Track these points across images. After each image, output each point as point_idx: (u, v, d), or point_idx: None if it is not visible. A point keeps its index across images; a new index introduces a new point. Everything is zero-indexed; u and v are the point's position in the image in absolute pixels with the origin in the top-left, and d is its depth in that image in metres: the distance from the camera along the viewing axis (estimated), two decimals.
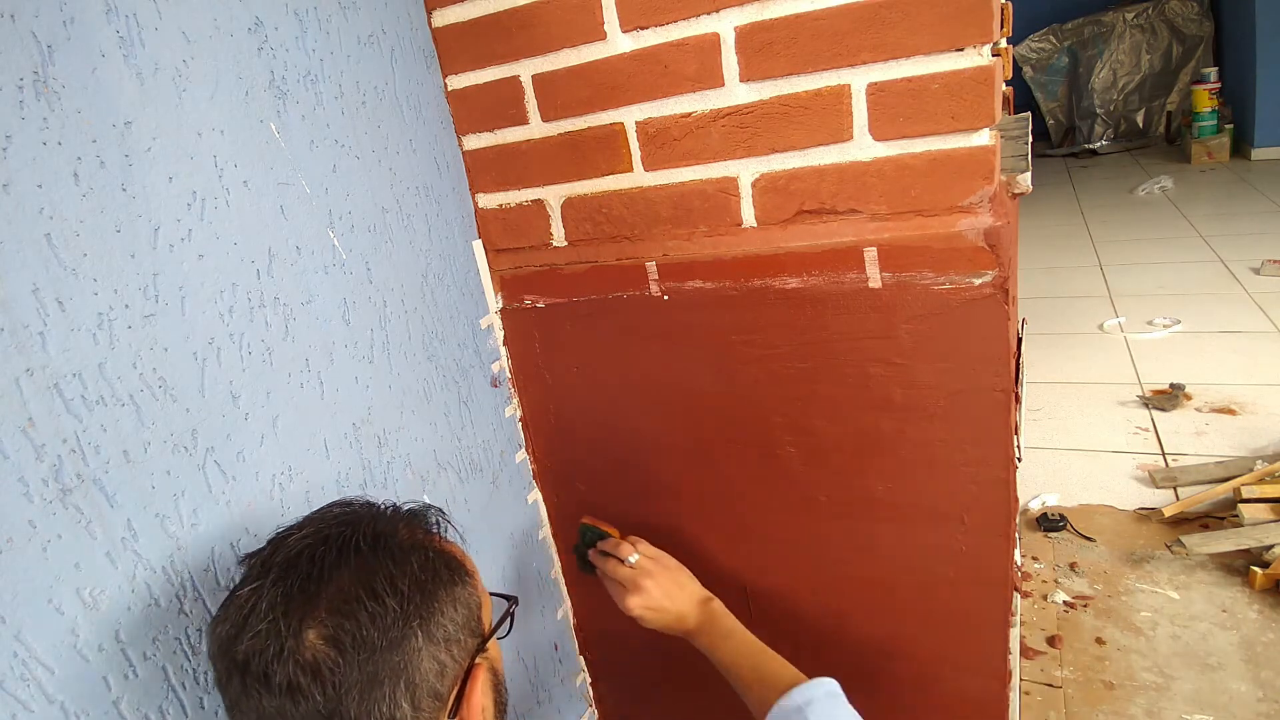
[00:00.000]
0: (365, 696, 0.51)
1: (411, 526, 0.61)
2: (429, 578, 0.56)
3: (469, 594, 0.59)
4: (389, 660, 0.52)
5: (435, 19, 0.92)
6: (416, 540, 0.59)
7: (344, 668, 0.50)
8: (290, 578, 0.53)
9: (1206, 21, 5.81)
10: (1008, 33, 0.89)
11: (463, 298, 0.99)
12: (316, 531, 0.56)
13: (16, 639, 0.52)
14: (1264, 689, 1.51)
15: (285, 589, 0.52)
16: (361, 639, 0.51)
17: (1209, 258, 3.75)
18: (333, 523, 0.57)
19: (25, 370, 0.53)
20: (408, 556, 0.56)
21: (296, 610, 0.51)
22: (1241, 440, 2.32)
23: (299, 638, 0.50)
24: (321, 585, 0.53)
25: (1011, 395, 0.82)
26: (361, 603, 0.52)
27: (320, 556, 0.54)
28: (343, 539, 0.55)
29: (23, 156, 0.53)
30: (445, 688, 0.55)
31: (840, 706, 0.75)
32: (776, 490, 0.98)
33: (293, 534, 0.57)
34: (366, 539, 0.56)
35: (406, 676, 0.52)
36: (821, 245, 0.84)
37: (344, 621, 0.51)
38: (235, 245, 0.68)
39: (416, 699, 0.53)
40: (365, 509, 0.60)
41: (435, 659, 0.54)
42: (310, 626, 0.51)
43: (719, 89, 0.82)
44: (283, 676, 0.50)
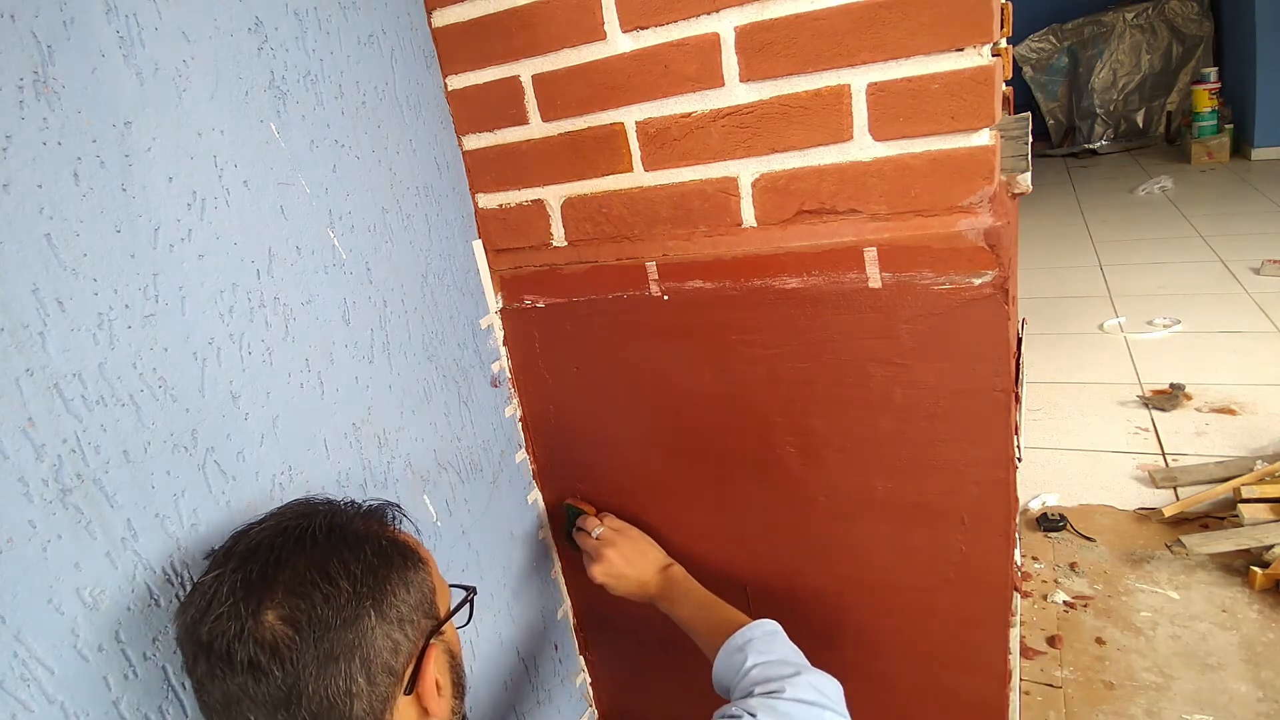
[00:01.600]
0: (322, 672, 0.54)
1: (367, 520, 0.64)
2: (381, 562, 0.59)
3: (421, 578, 0.62)
4: (343, 638, 0.55)
5: (435, 19, 0.92)
6: (370, 530, 0.62)
7: (300, 645, 0.53)
8: (250, 564, 0.56)
9: (1206, 21, 5.81)
10: (1008, 33, 0.89)
11: (463, 298, 0.99)
12: (276, 524, 0.60)
13: (16, 639, 0.52)
14: (1264, 689, 1.51)
15: (245, 575, 0.55)
16: (316, 618, 0.54)
17: (1209, 258, 3.74)
18: (291, 516, 0.61)
19: (25, 370, 0.53)
20: (361, 543, 0.60)
21: (255, 593, 0.54)
22: (1241, 440, 2.31)
23: (258, 618, 0.53)
24: (279, 570, 0.56)
25: (1011, 395, 0.82)
26: (316, 585, 0.55)
27: (279, 545, 0.57)
28: (300, 529, 0.59)
29: (23, 156, 0.53)
30: (400, 664, 0.58)
31: (778, 641, 0.81)
32: (776, 490, 0.98)
33: (253, 527, 0.60)
34: (322, 529, 0.59)
35: (361, 653, 0.56)
36: (821, 245, 0.84)
37: (299, 602, 0.54)
38: (235, 245, 0.68)
39: (372, 674, 0.56)
40: (324, 505, 0.63)
41: (389, 637, 0.57)
42: (268, 608, 0.54)
43: (719, 89, 0.82)
44: (244, 655, 0.53)
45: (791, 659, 0.79)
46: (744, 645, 0.80)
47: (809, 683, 0.73)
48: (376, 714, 0.56)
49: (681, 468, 1.04)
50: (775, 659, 0.78)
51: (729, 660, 0.81)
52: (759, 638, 0.81)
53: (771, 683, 0.73)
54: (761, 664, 0.77)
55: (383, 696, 0.57)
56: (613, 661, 1.25)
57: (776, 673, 0.75)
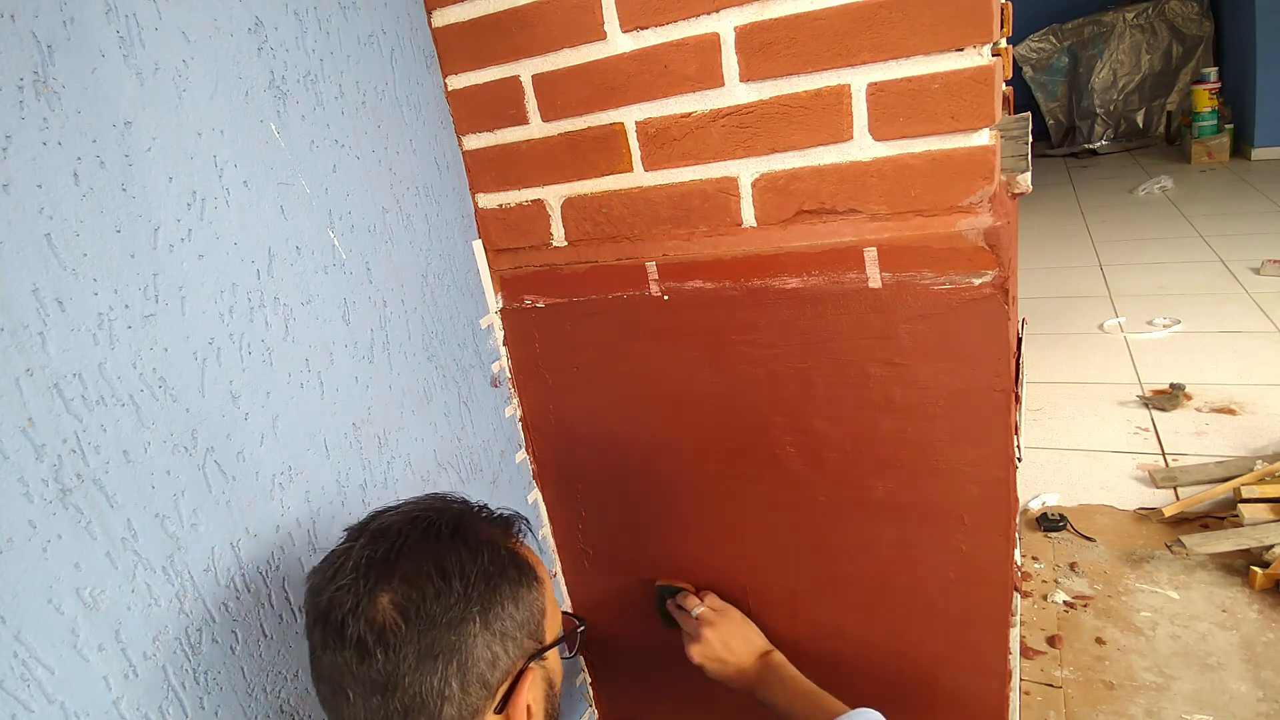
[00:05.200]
0: (419, 666, 0.55)
1: (492, 526, 0.65)
2: (496, 571, 0.60)
3: (533, 598, 0.62)
4: (445, 638, 0.56)
5: (435, 19, 0.92)
6: (493, 537, 0.63)
7: (405, 634, 0.55)
8: (377, 544, 0.58)
9: (1206, 21, 5.81)
10: (1008, 33, 0.89)
11: (463, 298, 0.99)
12: (408, 512, 0.62)
13: (16, 639, 0.52)
14: (1264, 689, 1.51)
15: (370, 553, 0.58)
16: (425, 611, 0.55)
17: (1209, 258, 3.74)
18: (423, 507, 0.63)
19: (25, 370, 0.53)
20: (481, 549, 0.60)
21: (376, 573, 0.56)
22: (1241, 440, 2.31)
23: (373, 597, 0.55)
24: (400, 557, 0.58)
25: (1011, 395, 0.82)
26: (430, 579, 0.57)
27: (405, 531, 0.59)
28: (428, 521, 0.61)
29: (23, 156, 0.53)
30: (495, 679, 0.58)
31: None
32: (776, 490, 0.98)
33: (389, 510, 0.63)
34: (448, 527, 0.61)
35: (460, 658, 0.56)
36: (821, 245, 0.84)
37: (412, 592, 0.56)
38: (235, 245, 0.68)
39: (465, 682, 0.56)
40: (458, 504, 0.65)
41: (489, 648, 0.58)
42: (384, 591, 0.56)
43: (719, 89, 0.82)
44: (354, 631, 0.55)
45: None
46: None
47: None
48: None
49: (681, 468, 1.03)
50: None
51: None
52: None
53: None
54: None
55: (473, 707, 0.57)
56: (613, 661, 1.25)
57: None
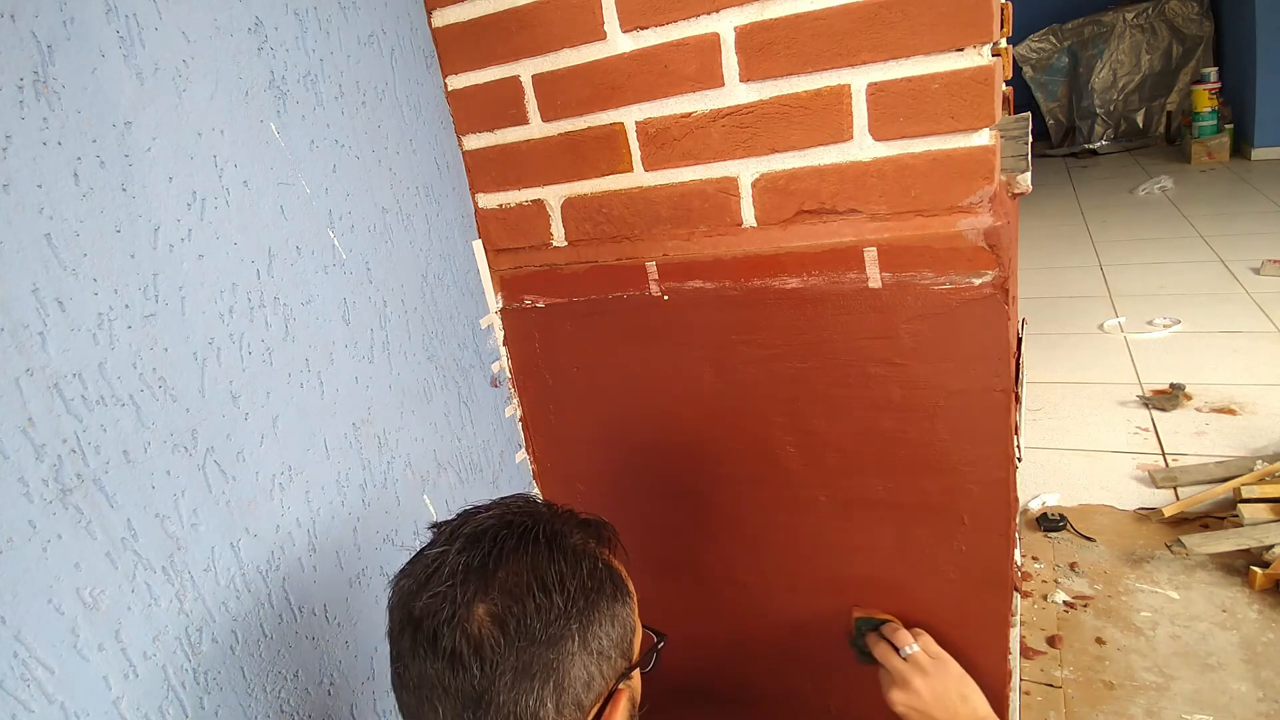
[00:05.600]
0: (516, 684, 0.52)
1: (585, 534, 0.61)
2: (595, 586, 0.57)
3: (627, 614, 0.59)
4: (544, 655, 0.53)
5: (435, 19, 0.92)
6: (589, 548, 0.60)
7: (503, 649, 0.52)
8: (473, 550, 0.55)
9: (1206, 21, 5.81)
10: (1008, 33, 0.89)
11: (463, 298, 0.99)
12: (501, 515, 0.59)
13: (16, 639, 0.52)
14: (1264, 689, 1.51)
15: (467, 559, 0.55)
16: (524, 626, 0.53)
17: (1209, 258, 3.74)
18: (516, 510, 0.60)
19: (25, 370, 0.53)
20: (579, 560, 0.57)
21: (474, 581, 0.54)
22: (1241, 440, 2.31)
23: (470, 608, 0.53)
24: (499, 565, 0.55)
25: (1011, 395, 0.82)
26: (531, 591, 0.54)
27: (502, 538, 0.56)
28: (524, 527, 0.57)
29: (23, 156, 0.53)
30: (589, 700, 0.55)
31: None
32: (776, 490, 0.98)
33: (481, 511, 0.60)
34: (545, 533, 0.57)
35: (556, 677, 0.53)
36: (821, 245, 0.84)
37: (512, 604, 0.53)
38: (235, 245, 0.68)
39: (561, 703, 0.53)
40: (546, 506, 0.62)
41: (585, 668, 0.55)
42: (482, 601, 0.53)
43: (719, 89, 0.82)
44: (449, 641, 0.52)
45: None
46: None
47: None
48: None
49: (681, 467, 1.03)
50: None
51: None
52: None
53: None
54: None
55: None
56: None
57: None
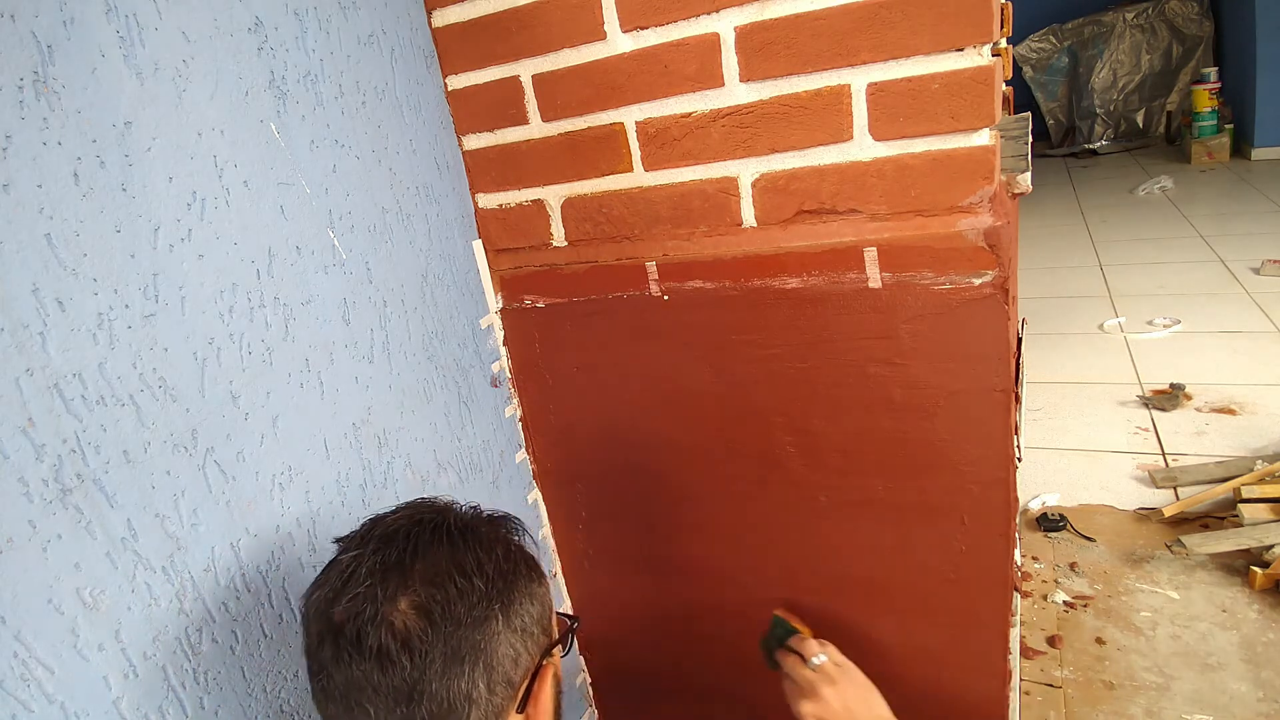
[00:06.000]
0: (446, 670, 0.53)
1: (494, 525, 0.64)
2: (511, 568, 0.59)
3: (543, 593, 0.62)
4: (471, 637, 0.55)
5: (435, 19, 0.92)
6: (499, 535, 0.63)
7: (431, 638, 0.53)
8: (388, 549, 0.56)
9: (1206, 21, 5.81)
10: (1008, 33, 0.89)
11: (463, 298, 0.99)
12: (410, 515, 0.60)
13: (16, 639, 0.52)
14: (1264, 689, 1.51)
15: (383, 558, 0.56)
16: (449, 612, 0.54)
17: (1209, 258, 3.74)
18: (425, 510, 0.62)
19: (25, 370, 0.53)
20: (493, 546, 0.60)
21: (393, 578, 0.55)
22: (1241, 440, 2.31)
23: (393, 603, 0.54)
24: (416, 559, 0.56)
25: (1011, 395, 0.82)
26: (451, 578, 0.55)
27: (415, 535, 0.58)
28: (435, 523, 0.59)
29: (23, 156, 0.53)
30: (518, 678, 0.58)
31: None
32: (776, 490, 0.98)
33: (388, 516, 0.61)
34: (456, 527, 0.60)
35: (485, 658, 0.55)
36: (821, 245, 0.84)
37: (435, 593, 0.54)
38: (235, 245, 0.68)
39: (492, 682, 0.55)
40: (453, 504, 0.64)
41: (512, 645, 0.57)
42: (404, 594, 0.54)
43: (719, 89, 0.82)
44: (374, 640, 0.52)
45: None
46: None
47: None
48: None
49: (681, 467, 1.03)
50: None
51: None
52: None
53: None
54: None
55: (498, 708, 0.56)
56: (613, 661, 1.25)
57: None
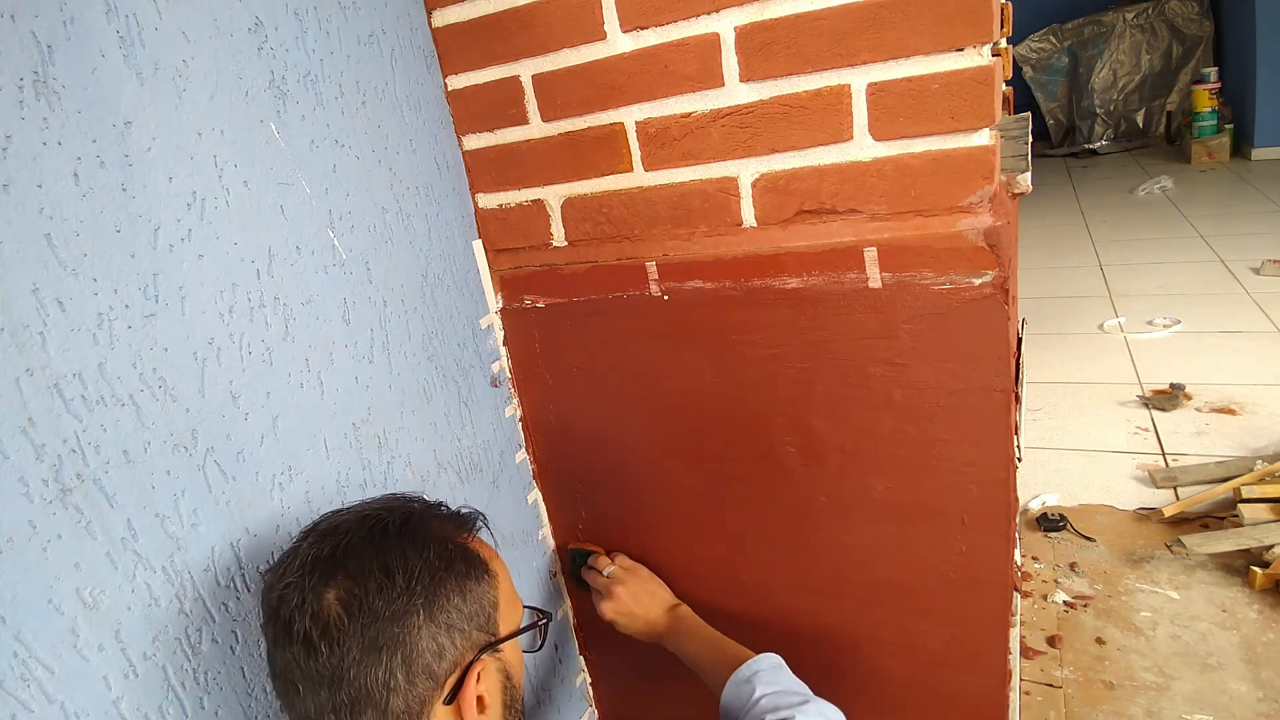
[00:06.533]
0: (363, 659, 0.56)
1: (444, 523, 0.66)
2: (442, 565, 0.61)
3: (483, 590, 0.64)
4: (389, 630, 0.57)
5: (435, 19, 0.92)
6: (443, 533, 0.64)
7: (348, 628, 0.56)
8: (324, 543, 0.60)
9: (1206, 21, 5.81)
10: (1008, 33, 0.89)
11: (463, 298, 0.99)
12: (359, 512, 0.63)
13: (16, 639, 0.52)
14: (1264, 689, 1.51)
15: (318, 551, 0.59)
16: (367, 604, 0.57)
17: (1209, 258, 3.74)
18: (376, 507, 0.64)
19: (25, 370, 0.53)
20: (427, 545, 0.62)
21: (321, 571, 0.58)
22: (1241, 440, 2.31)
23: (319, 593, 0.57)
24: (347, 554, 0.59)
25: (1011, 395, 0.82)
26: (373, 575, 0.58)
27: (354, 530, 0.61)
28: (378, 519, 0.62)
29: (23, 156, 0.53)
30: (443, 670, 0.60)
31: (784, 673, 0.84)
32: (776, 490, 0.98)
33: (342, 511, 0.64)
34: (396, 524, 0.62)
35: (404, 650, 0.57)
36: (821, 245, 0.84)
37: (355, 587, 0.57)
38: (235, 245, 0.68)
39: (411, 673, 0.58)
40: (415, 502, 0.66)
41: (435, 640, 0.59)
42: (328, 587, 0.58)
43: (719, 89, 0.82)
44: (300, 627, 0.56)
45: (798, 689, 0.81)
46: (751, 677, 0.83)
47: (817, 710, 0.76)
48: (414, 714, 0.58)
49: (682, 468, 1.03)
50: (782, 689, 0.80)
51: (737, 691, 0.83)
52: (765, 670, 0.84)
53: (781, 710, 0.75)
54: (770, 694, 0.79)
55: (420, 698, 0.58)
56: (613, 661, 1.25)
57: (785, 701, 0.77)
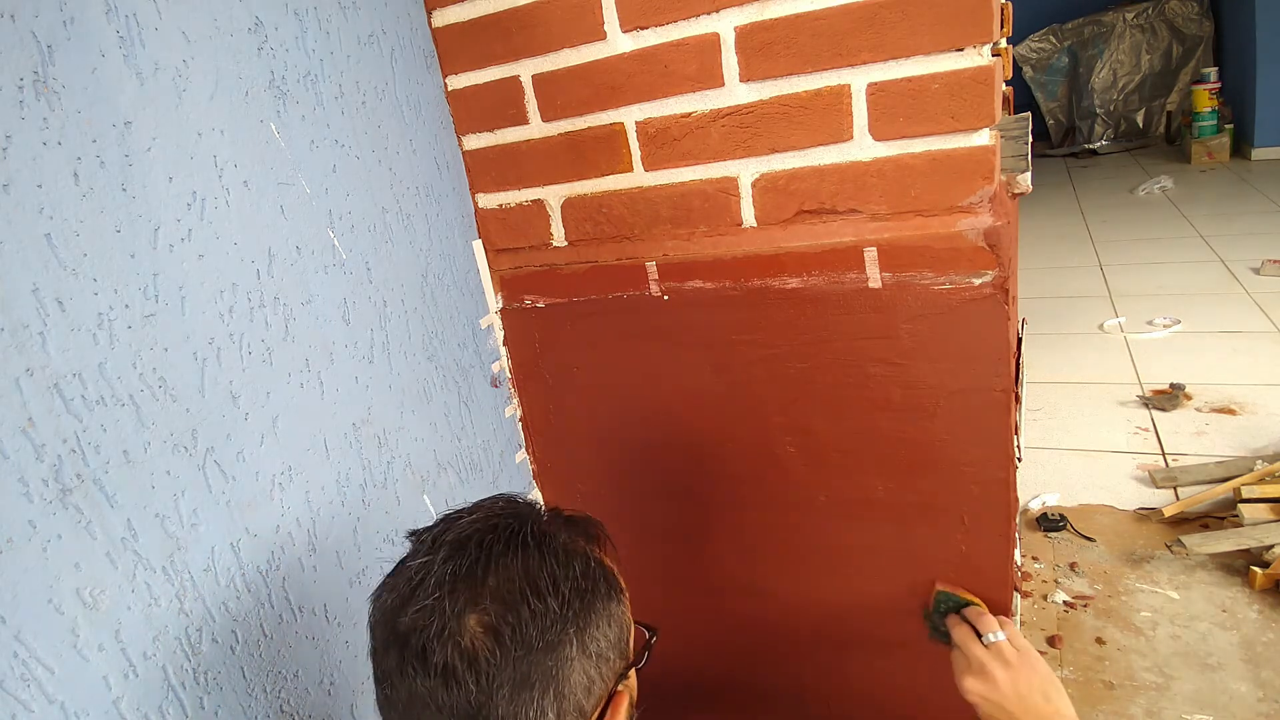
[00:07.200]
0: (515, 696, 0.50)
1: (572, 532, 0.59)
2: (589, 586, 0.55)
3: (623, 612, 0.58)
4: (542, 663, 0.51)
5: (435, 19, 0.92)
6: (579, 546, 0.57)
7: (500, 660, 0.49)
8: (459, 558, 0.52)
9: (1206, 21, 5.81)
10: (1008, 33, 0.89)
11: (463, 298, 0.99)
12: (485, 518, 0.56)
13: (16, 639, 0.52)
14: (1264, 689, 1.51)
15: (454, 568, 0.52)
16: (521, 635, 0.50)
17: (1209, 258, 3.74)
18: (500, 513, 0.57)
19: (25, 370, 0.53)
20: (571, 560, 0.55)
21: (463, 591, 0.51)
22: (1241, 440, 2.31)
23: (461, 620, 0.50)
24: (488, 571, 0.52)
25: (1011, 395, 0.82)
26: (525, 597, 0.51)
27: (489, 543, 0.54)
28: (510, 530, 0.55)
29: (23, 156, 0.53)
30: (590, 706, 0.53)
31: None
32: (776, 490, 0.98)
33: (463, 516, 0.57)
34: (533, 534, 0.55)
35: (556, 685, 0.51)
36: (821, 245, 0.84)
37: (506, 613, 0.50)
38: (235, 245, 0.68)
39: (562, 711, 0.51)
40: (529, 506, 0.60)
41: (585, 672, 0.53)
42: (473, 611, 0.50)
43: (719, 89, 0.82)
44: (440, 657, 0.49)
45: None
46: None
47: None
48: None
49: (681, 467, 1.03)
50: None
51: None
52: None
53: None
54: None
55: None
56: None
57: None
